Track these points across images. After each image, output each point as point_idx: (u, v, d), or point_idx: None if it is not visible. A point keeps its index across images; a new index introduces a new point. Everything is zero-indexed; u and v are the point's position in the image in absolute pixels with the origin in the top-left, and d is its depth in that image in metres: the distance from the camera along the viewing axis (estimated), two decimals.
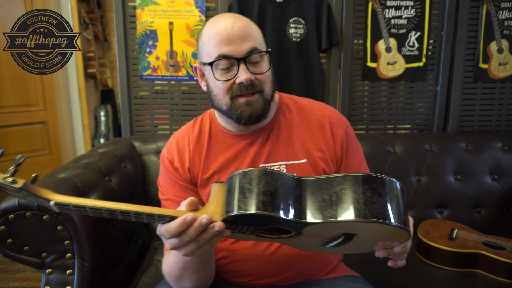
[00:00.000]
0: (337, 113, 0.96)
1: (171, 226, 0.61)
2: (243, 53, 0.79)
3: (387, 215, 0.57)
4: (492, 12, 1.73)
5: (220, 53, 0.80)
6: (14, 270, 2.06)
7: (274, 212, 0.57)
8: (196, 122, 0.96)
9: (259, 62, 0.82)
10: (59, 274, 0.98)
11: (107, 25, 3.96)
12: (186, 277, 0.80)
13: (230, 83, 0.81)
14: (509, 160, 1.57)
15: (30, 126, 3.33)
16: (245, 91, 0.81)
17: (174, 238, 0.62)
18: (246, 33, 0.80)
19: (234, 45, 0.79)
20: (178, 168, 0.90)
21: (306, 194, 0.61)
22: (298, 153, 0.89)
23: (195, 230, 0.60)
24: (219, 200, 0.63)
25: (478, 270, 1.22)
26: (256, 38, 0.82)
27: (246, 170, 0.60)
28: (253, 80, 0.81)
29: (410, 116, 1.84)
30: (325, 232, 0.63)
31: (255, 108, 0.82)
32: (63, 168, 1.15)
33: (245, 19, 0.84)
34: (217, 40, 0.80)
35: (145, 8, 1.70)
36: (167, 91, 1.79)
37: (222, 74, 0.82)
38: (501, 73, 1.78)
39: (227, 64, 0.80)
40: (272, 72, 0.87)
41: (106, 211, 0.61)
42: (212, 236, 0.62)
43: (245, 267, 0.89)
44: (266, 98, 0.84)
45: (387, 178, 0.60)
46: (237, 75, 0.80)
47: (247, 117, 0.83)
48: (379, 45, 1.76)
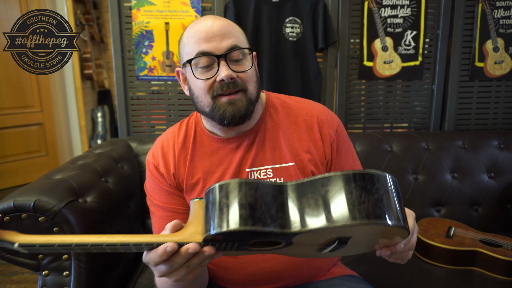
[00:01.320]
0: (327, 112, 0.92)
1: (152, 256, 0.58)
2: (224, 50, 0.77)
3: (380, 214, 0.52)
4: (488, 10, 1.73)
5: (200, 50, 0.77)
6: (11, 273, 2.06)
7: (255, 226, 0.52)
8: (182, 125, 0.92)
9: (241, 60, 0.80)
10: (55, 276, 0.97)
11: (103, 26, 3.96)
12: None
13: (211, 82, 0.78)
14: (505, 158, 1.57)
15: (27, 128, 3.32)
16: (226, 89, 0.78)
17: (162, 265, 0.59)
18: (226, 30, 0.79)
19: (214, 42, 0.77)
20: (163, 174, 0.88)
21: (290, 201, 0.56)
22: (285, 156, 0.86)
23: (182, 258, 0.57)
24: (199, 219, 0.59)
25: (475, 267, 1.23)
26: (237, 36, 0.80)
27: (221, 183, 0.56)
28: (235, 78, 0.78)
29: (407, 115, 1.85)
30: (316, 239, 0.58)
31: (238, 107, 0.79)
32: (59, 170, 1.15)
33: (225, 20, 0.82)
34: (196, 38, 0.78)
35: (141, 9, 1.69)
36: (164, 92, 1.78)
37: (202, 72, 0.79)
38: (497, 71, 1.79)
39: (207, 62, 0.78)
40: (256, 72, 0.84)
41: (76, 246, 0.56)
42: (202, 261, 0.59)
43: (237, 275, 0.88)
44: (250, 98, 0.81)
45: (375, 172, 0.54)
46: (218, 72, 0.77)
47: (230, 116, 0.79)
48: (375, 44, 1.76)
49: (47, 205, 0.92)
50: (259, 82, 0.85)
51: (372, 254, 0.72)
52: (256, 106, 0.85)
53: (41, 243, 0.56)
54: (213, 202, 0.55)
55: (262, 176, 0.85)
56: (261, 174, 0.86)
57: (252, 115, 0.84)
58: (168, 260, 0.58)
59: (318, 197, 0.54)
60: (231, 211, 0.53)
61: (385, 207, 0.53)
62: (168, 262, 0.58)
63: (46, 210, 0.92)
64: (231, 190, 0.54)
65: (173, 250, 0.56)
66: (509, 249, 1.21)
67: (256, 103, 0.84)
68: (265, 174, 0.86)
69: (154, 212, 0.89)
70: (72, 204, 0.96)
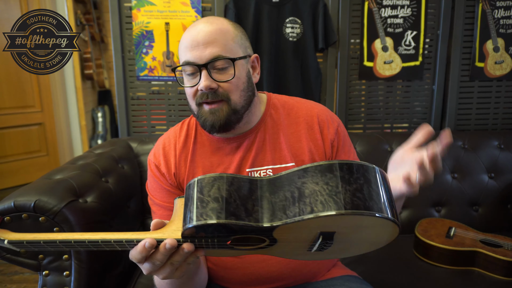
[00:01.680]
0: (327, 112, 0.93)
1: (133, 253, 0.58)
2: (205, 60, 0.77)
3: (358, 204, 0.49)
4: (488, 11, 1.73)
5: (185, 59, 0.79)
6: (11, 272, 2.06)
7: (227, 219, 0.51)
8: (184, 125, 0.93)
9: (226, 69, 0.79)
10: (56, 276, 0.98)
11: (103, 26, 3.96)
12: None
13: (194, 90, 0.80)
14: (506, 158, 1.57)
15: (27, 127, 3.32)
16: (206, 99, 0.79)
17: (146, 263, 0.60)
18: (212, 38, 0.77)
19: (197, 51, 0.78)
20: (164, 174, 0.88)
21: (266, 194, 0.55)
22: (286, 156, 0.86)
23: (162, 254, 0.58)
24: (180, 216, 0.59)
25: (475, 268, 1.23)
26: (223, 44, 0.78)
27: (198, 178, 0.56)
28: (215, 88, 0.78)
29: (407, 115, 1.84)
30: (299, 234, 0.56)
31: (218, 117, 0.79)
32: (59, 170, 1.15)
33: (218, 24, 0.80)
34: (184, 45, 0.80)
35: (141, 9, 1.69)
36: (164, 92, 1.79)
37: (188, 80, 0.81)
38: (497, 71, 1.79)
39: (191, 70, 0.80)
40: (246, 79, 0.83)
41: (61, 242, 0.58)
42: (184, 258, 0.59)
43: (236, 274, 0.88)
44: (234, 108, 0.80)
45: (355, 162, 0.52)
46: (199, 82, 0.78)
47: (209, 125, 0.80)
48: (375, 44, 1.76)
49: (48, 205, 0.92)
50: (249, 89, 0.84)
51: (372, 254, 0.72)
52: (250, 112, 0.86)
53: (28, 240, 0.58)
54: (190, 197, 0.55)
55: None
56: (261, 174, 0.86)
57: (239, 123, 0.84)
58: (150, 258, 0.59)
59: (294, 189, 0.52)
60: (205, 205, 0.53)
61: (365, 197, 0.50)
62: (150, 259, 0.59)
63: (46, 210, 0.92)
64: (206, 185, 0.54)
65: (152, 246, 0.57)
66: (509, 250, 1.21)
67: (244, 111, 0.83)
68: (265, 174, 0.86)
69: (155, 211, 0.89)
70: (72, 204, 0.97)
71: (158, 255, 0.58)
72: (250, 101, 0.85)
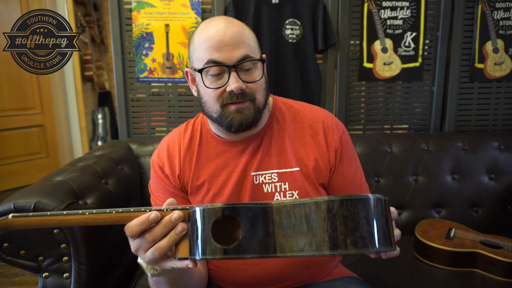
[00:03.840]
0: (332, 118, 0.93)
1: (132, 224, 0.57)
2: (235, 60, 0.77)
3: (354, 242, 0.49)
4: (487, 12, 1.74)
5: (210, 58, 0.77)
6: (11, 274, 2.06)
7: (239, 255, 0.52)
8: (188, 126, 0.93)
9: (251, 70, 0.79)
10: (56, 278, 0.97)
11: (104, 27, 3.96)
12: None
13: (220, 91, 0.78)
14: (506, 159, 1.57)
15: (27, 129, 3.32)
16: (235, 100, 0.78)
17: (138, 239, 0.58)
18: (239, 39, 0.77)
19: (225, 52, 0.76)
20: (168, 175, 0.88)
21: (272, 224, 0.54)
22: (291, 161, 0.87)
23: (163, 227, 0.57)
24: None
25: (475, 269, 1.22)
26: (249, 45, 0.79)
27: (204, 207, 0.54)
28: (244, 89, 0.78)
29: (407, 116, 1.85)
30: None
31: (245, 115, 0.79)
32: (59, 171, 1.15)
33: (239, 24, 0.80)
34: (208, 45, 0.77)
35: (141, 11, 1.70)
36: (164, 93, 1.79)
37: (212, 81, 0.79)
38: (497, 72, 1.79)
39: (217, 71, 0.77)
40: (265, 80, 0.84)
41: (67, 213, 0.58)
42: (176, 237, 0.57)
43: (238, 276, 0.88)
44: (258, 107, 0.81)
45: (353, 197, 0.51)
46: (228, 83, 0.77)
47: (237, 125, 0.80)
48: (375, 45, 1.76)
49: (48, 207, 0.92)
50: (267, 89, 0.85)
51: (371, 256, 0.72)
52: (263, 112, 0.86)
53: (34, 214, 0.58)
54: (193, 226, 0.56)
55: (267, 180, 0.86)
56: (266, 178, 0.86)
57: (258, 122, 0.84)
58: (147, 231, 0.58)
59: (297, 223, 0.52)
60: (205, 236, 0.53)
61: (361, 235, 0.50)
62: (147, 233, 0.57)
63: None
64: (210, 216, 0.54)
65: (156, 219, 0.57)
66: (509, 251, 1.21)
67: (264, 109, 0.85)
68: (270, 178, 0.86)
69: None
70: (72, 206, 0.96)
71: (158, 228, 0.57)
72: (267, 99, 0.86)
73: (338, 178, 0.90)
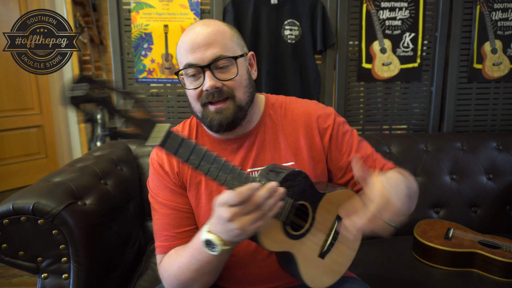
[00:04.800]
0: (322, 107, 0.95)
1: (231, 195, 0.64)
2: (207, 61, 0.79)
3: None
4: (486, 13, 1.74)
5: (186, 62, 0.81)
6: (10, 275, 2.05)
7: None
8: (185, 125, 0.95)
9: (227, 67, 0.81)
10: (54, 278, 0.97)
11: (102, 28, 3.96)
12: (197, 279, 0.79)
13: (199, 91, 0.81)
14: (504, 160, 1.58)
15: (26, 130, 3.32)
16: (212, 98, 0.80)
17: (237, 206, 0.64)
18: (211, 39, 0.80)
19: (198, 53, 0.79)
20: (168, 172, 0.89)
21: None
22: (286, 156, 0.89)
23: (261, 197, 0.64)
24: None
25: (474, 269, 1.23)
26: (223, 44, 0.81)
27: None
28: (220, 87, 0.80)
29: (406, 117, 1.85)
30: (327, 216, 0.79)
31: (225, 115, 0.81)
32: (58, 172, 1.15)
33: (215, 25, 0.82)
34: (184, 48, 0.81)
35: (140, 11, 1.70)
36: (163, 94, 1.79)
37: (191, 82, 0.82)
38: (495, 73, 1.79)
39: (193, 72, 0.81)
40: (247, 76, 0.85)
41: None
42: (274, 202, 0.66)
43: (236, 274, 0.89)
44: (239, 105, 0.83)
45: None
46: (203, 82, 0.80)
47: (216, 125, 0.82)
48: (374, 46, 1.77)
49: (46, 208, 0.92)
50: (251, 85, 0.86)
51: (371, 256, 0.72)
52: (252, 109, 0.87)
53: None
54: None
55: None
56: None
57: (244, 120, 0.85)
58: (247, 201, 0.64)
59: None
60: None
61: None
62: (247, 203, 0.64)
63: (45, 213, 0.92)
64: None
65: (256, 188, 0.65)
66: (507, 251, 1.21)
67: (248, 107, 0.85)
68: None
69: (157, 209, 0.90)
70: (71, 207, 0.96)
71: (257, 197, 0.64)
72: (252, 97, 0.87)
73: (343, 158, 0.91)
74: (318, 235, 0.82)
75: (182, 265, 0.79)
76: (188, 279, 0.79)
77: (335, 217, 0.84)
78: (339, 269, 0.88)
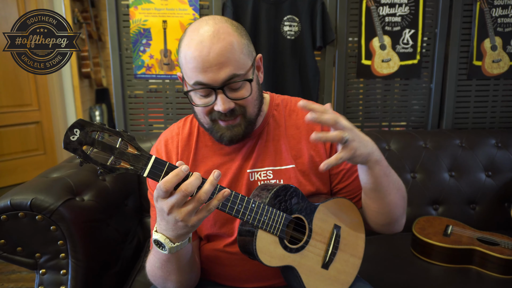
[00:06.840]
0: None
1: (168, 177, 0.62)
2: (221, 82, 0.74)
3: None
4: (486, 9, 1.73)
5: (197, 80, 0.75)
6: (8, 271, 2.05)
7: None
8: (187, 122, 0.94)
9: (239, 88, 0.77)
10: (52, 274, 0.97)
11: (101, 24, 3.94)
12: (166, 278, 0.79)
13: (209, 108, 0.79)
14: (503, 157, 1.58)
15: (25, 126, 3.31)
16: (224, 118, 0.79)
17: (173, 197, 0.63)
18: (224, 58, 0.73)
19: (210, 73, 0.73)
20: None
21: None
22: (286, 159, 0.88)
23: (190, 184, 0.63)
24: None
25: (472, 266, 1.23)
26: (236, 61, 0.75)
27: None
28: (233, 107, 0.77)
29: (405, 113, 1.85)
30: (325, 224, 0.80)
31: (236, 132, 0.81)
32: (56, 168, 1.14)
33: (226, 37, 0.74)
34: (193, 65, 0.74)
35: (139, 7, 1.69)
36: (162, 90, 1.78)
37: (200, 98, 0.79)
38: (495, 70, 1.79)
39: (204, 92, 0.77)
40: (258, 86, 0.83)
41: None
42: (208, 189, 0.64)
43: (233, 271, 0.89)
44: (250, 119, 0.82)
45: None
46: (215, 103, 0.76)
47: (227, 140, 0.82)
48: (373, 42, 1.76)
49: (44, 204, 0.92)
50: (260, 95, 0.85)
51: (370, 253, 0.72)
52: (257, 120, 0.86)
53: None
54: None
55: (262, 178, 0.87)
56: (262, 175, 0.87)
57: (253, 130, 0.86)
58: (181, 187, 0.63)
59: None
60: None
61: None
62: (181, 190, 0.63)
63: (43, 209, 0.92)
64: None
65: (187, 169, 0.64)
66: (506, 248, 1.21)
67: (257, 117, 0.85)
68: (265, 176, 0.87)
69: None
70: (69, 203, 0.96)
71: (186, 185, 0.63)
72: (261, 105, 0.86)
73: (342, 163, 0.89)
74: (318, 246, 0.82)
75: (151, 261, 0.81)
76: (158, 276, 0.80)
77: (332, 226, 0.85)
78: (346, 279, 0.87)
